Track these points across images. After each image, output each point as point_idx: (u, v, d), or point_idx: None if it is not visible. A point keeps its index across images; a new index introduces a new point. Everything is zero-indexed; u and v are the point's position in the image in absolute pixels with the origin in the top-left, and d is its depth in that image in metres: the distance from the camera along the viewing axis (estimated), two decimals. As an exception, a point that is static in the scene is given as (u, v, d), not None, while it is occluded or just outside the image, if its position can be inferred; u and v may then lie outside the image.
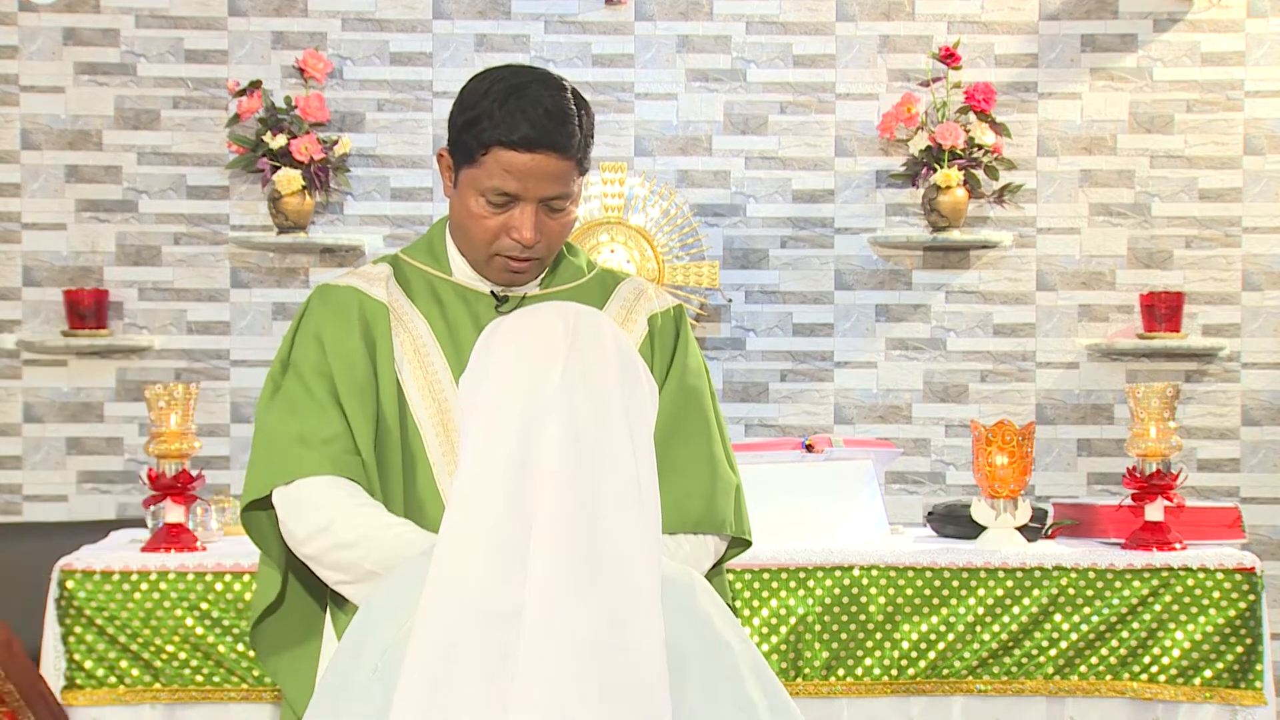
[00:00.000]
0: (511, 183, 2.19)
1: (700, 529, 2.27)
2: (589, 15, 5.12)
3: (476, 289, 2.31)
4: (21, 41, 5.06)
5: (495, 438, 1.61)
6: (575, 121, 2.20)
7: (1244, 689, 3.31)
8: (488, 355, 1.71)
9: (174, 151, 5.09)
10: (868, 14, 5.12)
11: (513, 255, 2.24)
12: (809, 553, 3.37)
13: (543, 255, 2.26)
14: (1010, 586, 3.37)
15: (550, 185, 2.20)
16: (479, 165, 2.20)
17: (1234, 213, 5.11)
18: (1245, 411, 5.11)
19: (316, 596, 2.31)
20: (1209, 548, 3.45)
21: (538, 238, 2.22)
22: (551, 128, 2.17)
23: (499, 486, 1.58)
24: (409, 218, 5.10)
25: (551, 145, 2.17)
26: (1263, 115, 5.10)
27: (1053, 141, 5.12)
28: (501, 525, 1.56)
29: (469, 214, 2.23)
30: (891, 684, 3.34)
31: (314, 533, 2.15)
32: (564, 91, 2.21)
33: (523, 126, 2.16)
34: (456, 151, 2.24)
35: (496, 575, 1.54)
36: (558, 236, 2.26)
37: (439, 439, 2.23)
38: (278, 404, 2.23)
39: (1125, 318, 5.10)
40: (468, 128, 2.20)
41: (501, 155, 2.17)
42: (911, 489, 5.10)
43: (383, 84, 5.11)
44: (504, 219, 2.22)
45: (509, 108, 2.17)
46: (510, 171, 2.18)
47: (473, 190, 2.22)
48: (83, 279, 5.05)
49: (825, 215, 5.12)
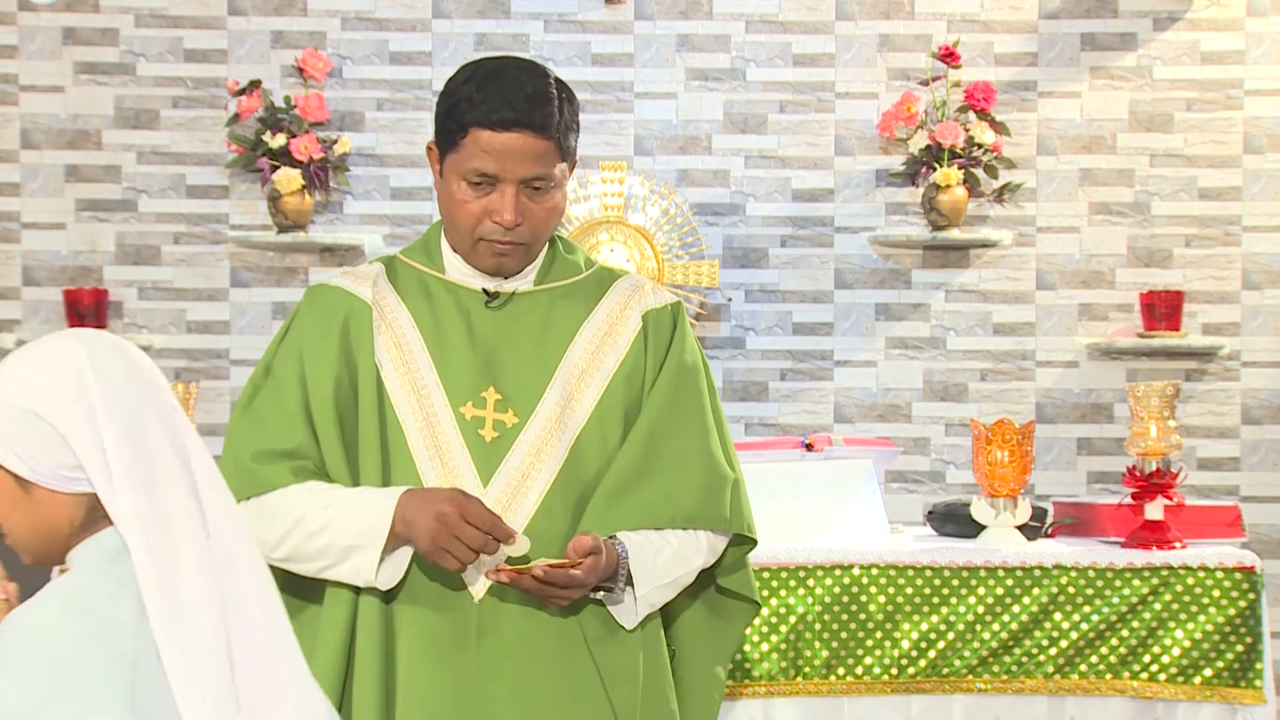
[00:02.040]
0: (490, 163, 2.20)
1: (693, 524, 2.27)
2: (588, 14, 5.11)
3: (469, 285, 2.32)
4: (21, 41, 5.05)
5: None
6: (554, 104, 2.21)
7: (1244, 688, 3.31)
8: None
9: (173, 151, 5.08)
10: (867, 13, 5.12)
11: (496, 239, 2.25)
12: (809, 552, 3.37)
13: (527, 240, 2.26)
14: (1010, 585, 3.36)
15: (529, 165, 2.21)
16: (460, 149, 2.22)
17: (1234, 211, 5.10)
18: (1245, 410, 5.10)
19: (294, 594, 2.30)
20: (1209, 546, 3.44)
21: (518, 219, 2.23)
22: (528, 108, 2.19)
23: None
24: (408, 217, 5.10)
25: (528, 124, 2.19)
26: (1262, 114, 5.09)
27: (1052, 140, 5.11)
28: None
29: (453, 199, 2.25)
30: (892, 683, 3.34)
31: (285, 533, 2.19)
32: (546, 77, 2.24)
33: (500, 107, 2.18)
34: (440, 139, 2.27)
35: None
36: (541, 221, 2.26)
37: (421, 433, 2.24)
38: (249, 415, 2.28)
39: (1125, 316, 5.09)
40: (449, 113, 2.24)
41: (480, 136, 2.20)
42: (911, 488, 5.10)
43: (382, 83, 5.10)
44: (485, 202, 2.23)
45: (487, 90, 2.20)
46: (489, 151, 2.20)
47: (455, 174, 2.24)
48: (82, 278, 5.05)
49: (825, 214, 5.12)
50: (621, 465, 2.26)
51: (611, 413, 2.29)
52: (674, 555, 2.25)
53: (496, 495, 2.21)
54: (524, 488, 2.23)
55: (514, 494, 2.22)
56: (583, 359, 2.30)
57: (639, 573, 2.21)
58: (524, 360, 2.28)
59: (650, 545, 2.23)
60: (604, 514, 2.23)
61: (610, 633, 2.24)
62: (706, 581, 2.38)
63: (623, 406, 2.30)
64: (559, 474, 2.24)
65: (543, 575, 2.10)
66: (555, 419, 2.26)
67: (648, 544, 2.23)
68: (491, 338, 2.29)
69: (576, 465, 2.25)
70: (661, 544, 2.24)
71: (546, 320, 2.31)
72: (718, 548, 2.33)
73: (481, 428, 2.25)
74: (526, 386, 2.27)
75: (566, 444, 2.25)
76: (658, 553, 2.23)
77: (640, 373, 2.32)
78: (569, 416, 2.26)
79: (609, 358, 2.31)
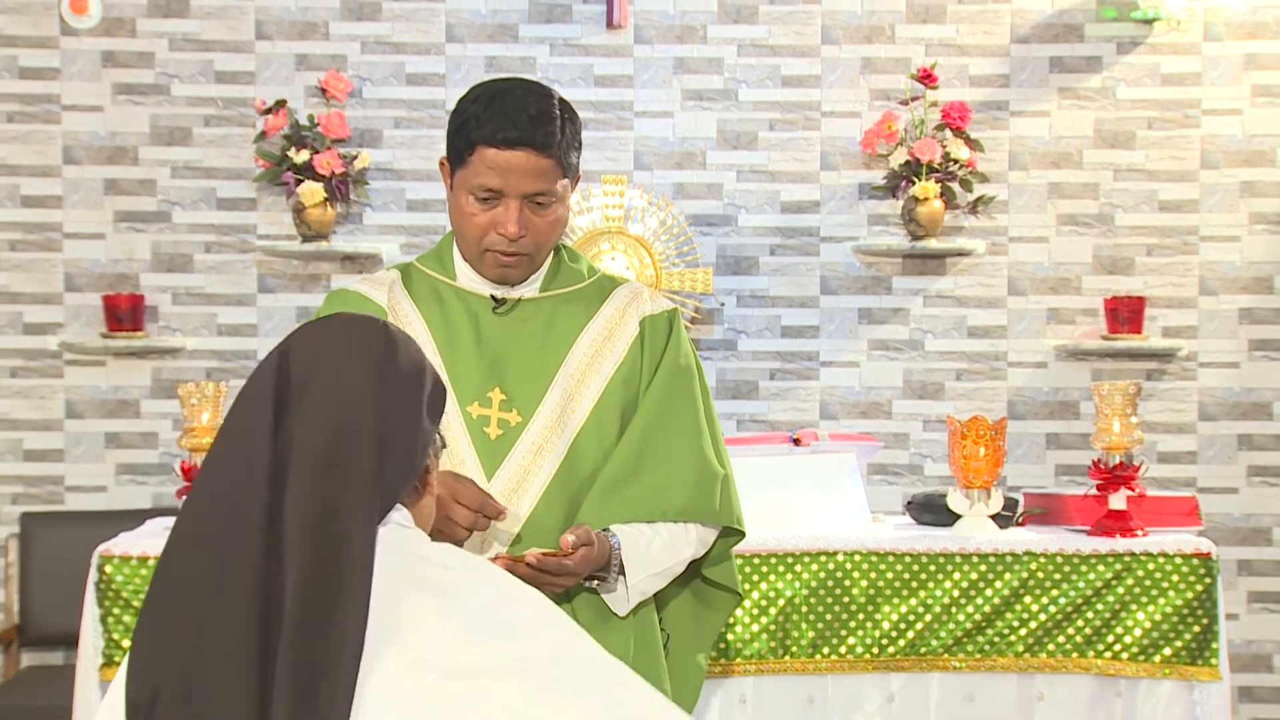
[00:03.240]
0: (495, 179, 2.20)
1: (684, 518, 2.26)
2: (591, 39, 5.11)
3: (477, 292, 2.31)
4: (63, 64, 5.06)
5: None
6: (556, 123, 2.20)
7: (1200, 665, 3.31)
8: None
9: (205, 166, 5.08)
10: (851, 38, 5.12)
11: (501, 250, 2.24)
12: (796, 539, 3.36)
13: (530, 251, 2.26)
14: (984, 570, 3.36)
15: (532, 182, 2.20)
16: (467, 165, 2.21)
17: (1191, 222, 5.11)
18: (1202, 408, 5.11)
19: None
20: (1168, 534, 3.44)
21: (522, 232, 2.22)
22: (531, 127, 2.18)
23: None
24: (423, 227, 5.10)
25: (531, 143, 2.18)
26: (1218, 132, 5.10)
27: (1023, 156, 5.12)
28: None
29: (461, 213, 2.25)
30: (873, 661, 3.34)
31: None
32: (549, 97, 2.23)
33: (504, 126, 2.17)
34: (451, 155, 2.26)
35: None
36: (545, 234, 2.26)
37: None
38: None
39: (1090, 320, 5.09)
40: (458, 131, 2.22)
41: (486, 153, 2.19)
42: (892, 480, 5.10)
43: (399, 103, 5.10)
44: (491, 215, 2.23)
45: (493, 109, 2.18)
46: (493, 168, 2.19)
47: (463, 189, 2.23)
48: (120, 285, 5.05)
49: (811, 225, 5.12)
50: (617, 462, 2.25)
51: (609, 413, 2.28)
52: (665, 546, 2.24)
53: (499, 489, 2.21)
54: (525, 482, 2.23)
55: (516, 488, 2.22)
56: (582, 362, 2.30)
57: (630, 562, 2.20)
58: (528, 363, 2.28)
59: (642, 537, 2.22)
60: (599, 508, 2.22)
61: (602, 619, 2.23)
62: (694, 573, 2.38)
63: (620, 407, 2.29)
64: (558, 470, 2.24)
65: (535, 563, 2.10)
66: (556, 418, 2.25)
67: (639, 535, 2.22)
68: (498, 341, 2.28)
69: (575, 462, 2.24)
70: (653, 536, 2.23)
71: (550, 325, 2.31)
72: (707, 540, 2.32)
73: (487, 426, 2.24)
74: (530, 387, 2.26)
75: (566, 442, 2.25)
76: (649, 544, 2.23)
77: (637, 375, 2.32)
78: (569, 416, 2.26)
79: (608, 361, 2.31)
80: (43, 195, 5.06)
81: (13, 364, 5.06)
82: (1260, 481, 5.10)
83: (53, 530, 4.84)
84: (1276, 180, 5.09)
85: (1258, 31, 5.09)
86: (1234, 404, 5.09)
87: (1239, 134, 5.09)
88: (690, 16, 5.11)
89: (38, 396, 5.06)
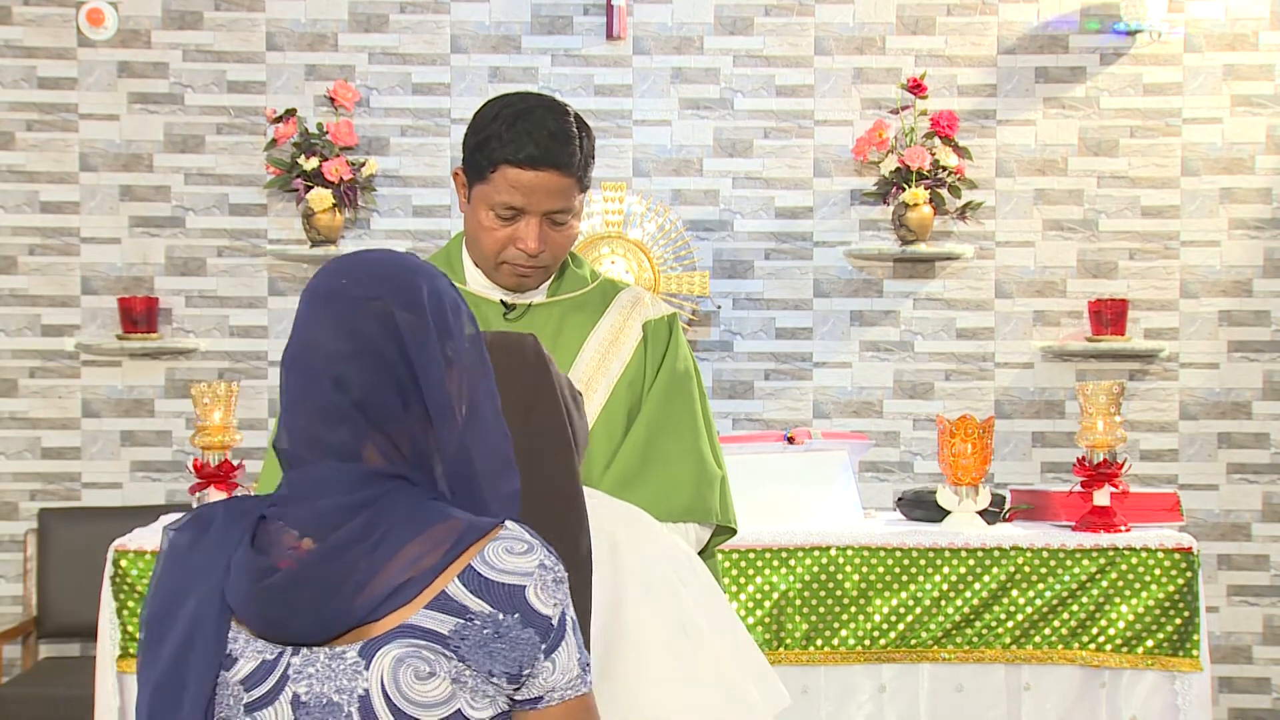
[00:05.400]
0: (518, 197, 2.18)
1: (686, 518, 2.27)
2: (592, 49, 5.11)
3: (487, 296, 2.31)
4: (80, 74, 5.05)
5: None
6: (576, 143, 2.19)
7: (1182, 657, 3.31)
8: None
9: (217, 173, 5.08)
10: (843, 48, 5.12)
11: (519, 263, 2.24)
12: (790, 534, 3.36)
13: (547, 264, 2.26)
14: (972, 565, 3.36)
15: (553, 200, 2.19)
16: (489, 182, 2.20)
17: (1173, 228, 5.11)
18: (1183, 407, 5.11)
19: None
20: (1150, 530, 3.44)
21: (541, 247, 2.22)
22: (554, 148, 2.16)
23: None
24: (429, 232, 5.10)
25: (554, 164, 2.17)
26: (1198, 140, 5.10)
27: (1010, 163, 5.12)
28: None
29: (480, 226, 2.23)
30: (865, 653, 3.34)
31: None
32: (567, 116, 2.21)
33: (528, 146, 2.15)
34: (469, 169, 2.24)
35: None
36: (561, 247, 2.26)
37: None
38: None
39: (1075, 322, 5.10)
40: (479, 148, 2.20)
41: (509, 172, 2.17)
42: (883, 477, 5.10)
43: (405, 112, 5.10)
44: (511, 230, 2.21)
45: (516, 129, 2.16)
46: (516, 187, 2.18)
47: (483, 204, 2.22)
48: (135, 288, 5.05)
49: (805, 230, 5.12)
50: (621, 465, 2.25)
51: (616, 415, 2.29)
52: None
53: None
54: None
55: None
56: (590, 366, 2.30)
57: None
58: None
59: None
60: None
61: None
62: None
63: (626, 409, 2.30)
64: None
65: None
66: None
67: None
68: None
69: (585, 464, 2.24)
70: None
71: (558, 331, 2.31)
72: (703, 539, 2.32)
73: None
74: None
75: None
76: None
77: (641, 378, 2.32)
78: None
79: (614, 365, 2.31)
80: (60, 201, 5.05)
81: (31, 364, 5.05)
82: (1239, 478, 5.10)
83: (70, 526, 4.84)
84: (1255, 187, 5.09)
85: (1237, 43, 5.09)
86: (1214, 403, 5.10)
87: (1219, 142, 5.09)
88: (688, 28, 5.11)
89: (55, 396, 5.06)
